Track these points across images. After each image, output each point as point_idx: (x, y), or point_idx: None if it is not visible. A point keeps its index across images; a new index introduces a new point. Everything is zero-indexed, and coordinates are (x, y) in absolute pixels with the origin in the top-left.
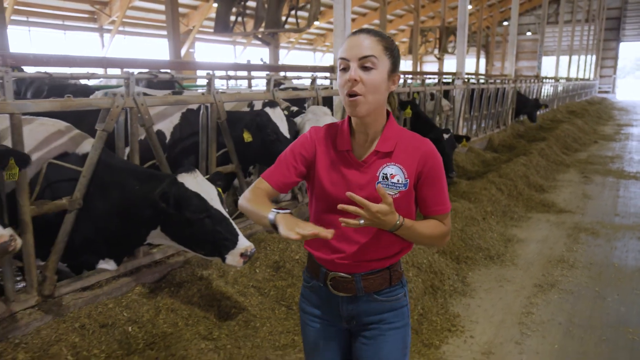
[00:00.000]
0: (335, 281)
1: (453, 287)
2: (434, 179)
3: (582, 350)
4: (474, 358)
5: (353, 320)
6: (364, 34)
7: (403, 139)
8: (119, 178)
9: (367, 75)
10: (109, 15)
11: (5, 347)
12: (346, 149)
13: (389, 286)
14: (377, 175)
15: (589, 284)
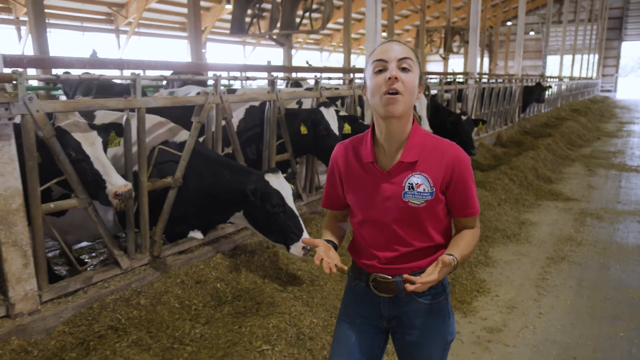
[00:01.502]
0: (376, 282)
1: (477, 259)
2: (463, 184)
3: (590, 305)
4: (500, 311)
5: (393, 321)
6: (395, 42)
7: (427, 146)
8: (212, 166)
9: (406, 76)
10: (126, 17)
11: (130, 294)
12: (370, 161)
13: (430, 288)
14: (402, 186)
15: (594, 257)
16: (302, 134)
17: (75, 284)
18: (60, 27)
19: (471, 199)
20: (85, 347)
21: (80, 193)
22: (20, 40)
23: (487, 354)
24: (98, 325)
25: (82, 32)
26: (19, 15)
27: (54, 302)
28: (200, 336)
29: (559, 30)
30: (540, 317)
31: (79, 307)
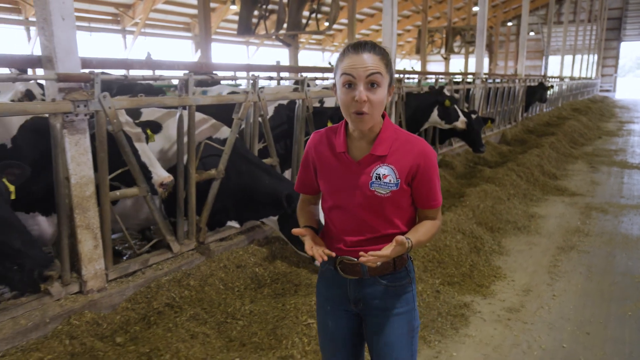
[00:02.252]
0: (343, 264)
1: (492, 249)
2: (427, 178)
3: (599, 289)
4: (517, 294)
5: (360, 303)
6: (367, 52)
7: (398, 140)
8: (252, 168)
9: (374, 95)
10: (132, 18)
11: (181, 275)
12: (342, 151)
13: (393, 271)
14: (370, 176)
15: (601, 246)
16: None
17: (134, 265)
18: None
19: (434, 192)
20: (147, 322)
21: (141, 182)
22: (30, 41)
23: (508, 330)
24: (156, 303)
25: (89, 33)
26: (29, 15)
27: (117, 281)
28: (249, 312)
29: (559, 30)
30: (554, 299)
31: (138, 286)
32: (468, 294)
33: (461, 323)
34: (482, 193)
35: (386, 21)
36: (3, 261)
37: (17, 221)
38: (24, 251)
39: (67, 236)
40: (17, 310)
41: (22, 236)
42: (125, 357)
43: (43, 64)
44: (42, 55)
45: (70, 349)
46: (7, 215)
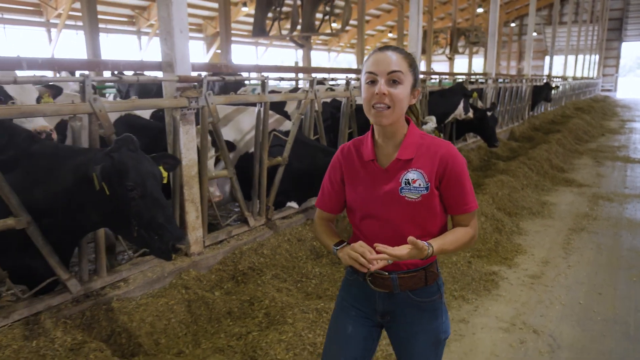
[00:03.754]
0: (373, 277)
1: (511, 229)
2: (455, 180)
3: (608, 261)
4: (537, 265)
5: (387, 316)
6: (390, 50)
7: (423, 145)
8: (310, 151)
9: (394, 90)
10: (147, 19)
11: (257, 245)
12: (371, 159)
13: (425, 286)
14: (399, 182)
15: (609, 228)
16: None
17: (222, 235)
18: None
19: (465, 195)
20: (236, 281)
21: (230, 166)
22: (51, 43)
23: (532, 291)
24: (241, 266)
25: (106, 34)
26: (50, 17)
27: (210, 247)
28: (319, 273)
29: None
30: (569, 268)
31: (226, 252)
32: (495, 264)
33: (492, 286)
34: (499, 183)
35: (412, 27)
36: (149, 231)
37: (164, 200)
38: (165, 225)
39: (178, 208)
40: (144, 265)
41: (166, 213)
42: (231, 303)
43: (163, 68)
44: (162, 61)
45: (186, 296)
46: (157, 195)
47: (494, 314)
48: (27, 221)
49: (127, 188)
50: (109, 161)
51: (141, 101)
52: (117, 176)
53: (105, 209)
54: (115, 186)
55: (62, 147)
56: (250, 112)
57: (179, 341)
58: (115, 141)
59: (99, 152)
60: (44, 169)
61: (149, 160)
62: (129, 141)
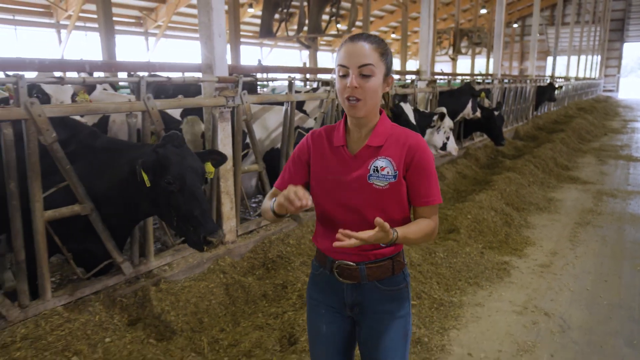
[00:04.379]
0: (340, 269)
1: (520, 223)
2: (421, 170)
3: (612, 252)
4: (546, 255)
5: (356, 308)
6: (361, 41)
7: (394, 134)
8: None
9: (366, 82)
10: (155, 20)
11: (284, 235)
12: (341, 144)
13: (392, 275)
14: (368, 169)
15: (613, 222)
16: None
17: (252, 225)
18: (95, 30)
19: (429, 186)
20: (266, 267)
21: (260, 161)
22: (61, 44)
23: (542, 279)
24: (270, 254)
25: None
26: (60, 19)
27: (242, 237)
28: None
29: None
30: (577, 258)
31: (256, 241)
32: (506, 255)
33: (504, 274)
34: (506, 179)
35: (423, 30)
36: (185, 222)
37: (201, 195)
38: (200, 219)
39: (215, 199)
40: (185, 251)
41: (201, 207)
42: (265, 287)
43: (203, 69)
44: (202, 63)
45: (224, 280)
46: (194, 190)
47: (507, 298)
48: (90, 208)
49: (166, 181)
50: (154, 156)
51: (187, 100)
52: (160, 170)
53: (151, 199)
54: (157, 179)
55: (119, 142)
56: (275, 111)
57: (219, 320)
58: (162, 137)
59: (148, 147)
60: (103, 161)
61: (193, 156)
62: (174, 138)
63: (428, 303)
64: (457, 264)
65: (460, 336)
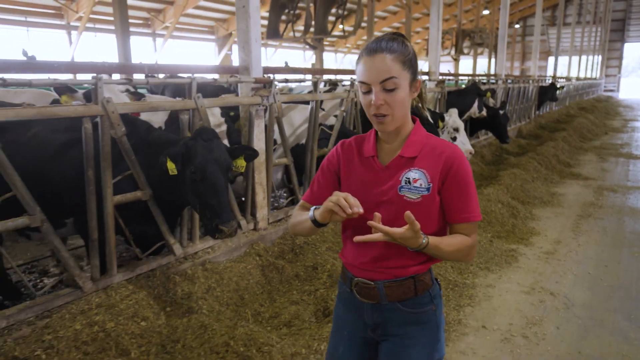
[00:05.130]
0: (359, 287)
1: (525, 215)
2: (458, 184)
3: (612, 241)
4: (550, 244)
5: (378, 330)
6: (380, 52)
7: (428, 144)
8: None
9: (391, 96)
10: (163, 22)
11: None
12: (371, 155)
13: (414, 296)
14: (399, 180)
15: (613, 215)
16: None
17: (281, 214)
18: (105, 32)
19: (468, 202)
20: (295, 253)
21: (289, 155)
22: (71, 45)
23: (547, 264)
24: (297, 241)
25: None
26: (70, 20)
27: (272, 224)
28: None
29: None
30: (579, 247)
31: (284, 229)
32: (513, 243)
33: (512, 260)
34: (512, 175)
35: (433, 33)
36: (203, 209)
37: (221, 186)
38: (216, 208)
39: (250, 190)
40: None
41: (219, 197)
42: (297, 268)
43: (240, 71)
44: (240, 65)
45: (260, 262)
46: (215, 181)
47: (515, 281)
48: (149, 194)
49: (191, 171)
50: (183, 148)
51: (229, 99)
52: (186, 161)
53: (181, 187)
54: (184, 169)
55: (168, 136)
56: (299, 110)
57: (258, 297)
58: (194, 132)
59: (181, 141)
60: (154, 154)
61: (220, 150)
62: (204, 132)
63: (444, 284)
64: None
65: (474, 312)
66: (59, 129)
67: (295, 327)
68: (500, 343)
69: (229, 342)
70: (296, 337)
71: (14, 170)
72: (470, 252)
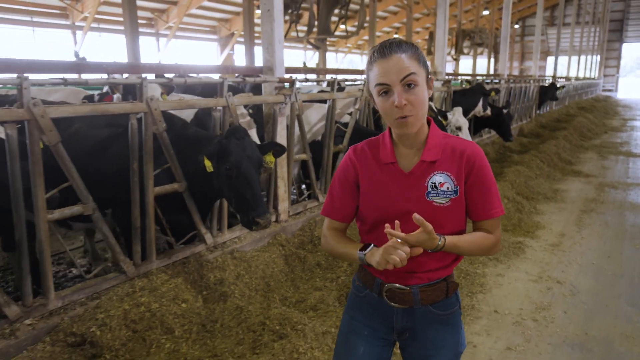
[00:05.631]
0: (391, 292)
1: (530, 210)
2: (482, 182)
3: (614, 234)
4: (555, 237)
5: (406, 333)
6: (395, 53)
7: (448, 145)
8: (365, 137)
9: (413, 95)
10: (166, 22)
11: (322, 218)
12: (391, 162)
13: (445, 297)
14: (425, 186)
15: (614, 209)
16: None
17: (299, 208)
18: (111, 32)
19: (490, 198)
20: (313, 244)
21: (308, 151)
22: (76, 45)
23: (553, 255)
24: (316, 233)
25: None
26: (75, 20)
27: (292, 217)
28: None
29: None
30: (583, 239)
31: (303, 221)
32: (520, 236)
33: (519, 251)
34: (516, 172)
35: (439, 34)
36: (239, 203)
37: (255, 181)
38: (252, 202)
39: (273, 184)
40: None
41: (254, 192)
42: (318, 258)
43: (264, 71)
44: (264, 65)
45: (283, 252)
46: (248, 176)
47: (523, 270)
48: (185, 186)
49: (226, 167)
50: (217, 146)
51: (255, 97)
52: (221, 158)
53: (216, 182)
54: (220, 166)
55: (201, 133)
56: (315, 108)
57: (282, 284)
58: (227, 130)
59: (216, 139)
60: (190, 149)
61: (252, 147)
62: (236, 131)
63: (456, 273)
64: None
65: (486, 298)
66: (98, 125)
67: (321, 310)
68: (512, 325)
69: (265, 322)
70: (324, 319)
71: (71, 163)
72: (494, 247)
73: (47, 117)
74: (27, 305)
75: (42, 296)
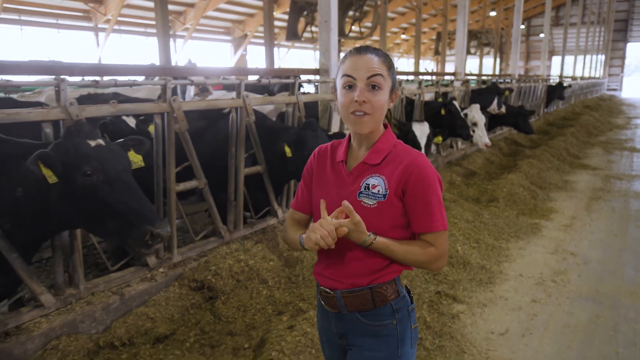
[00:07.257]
0: (322, 296)
1: (544, 197)
2: (420, 191)
3: (620, 217)
4: (567, 219)
5: (343, 338)
6: (369, 53)
7: (393, 152)
8: None
9: (375, 96)
10: (183, 24)
11: None
12: (341, 160)
13: (373, 308)
14: (359, 186)
15: (620, 197)
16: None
17: None
18: (130, 33)
19: (428, 210)
20: None
21: None
22: (98, 47)
23: (566, 234)
24: None
25: (145, 37)
26: (98, 23)
27: None
28: None
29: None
30: (592, 221)
31: None
32: (536, 218)
33: (536, 230)
34: (529, 164)
35: (459, 38)
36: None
37: None
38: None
39: None
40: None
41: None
42: None
43: (321, 73)
44: (320, 68)
45: None
46: None
47: (541, 245)
48: (264, 169)
49: (305, 154)
50: (295, 137)
51: (312, 95)
52: (299, 147)
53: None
54: (298, 153)
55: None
56: None
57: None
58: (303, 123)
59: (293, 130)
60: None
61: (324, 138)
62: (311, 124)
63: (484, 246)
64: (500, 223)
65: (512, 266)
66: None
67: None
68: (535, 285)
69: None
70: None
71: (192, 146)
72: (437, 261)
73: (180, 110)
74: (159, 257)
75: (169, 252)
